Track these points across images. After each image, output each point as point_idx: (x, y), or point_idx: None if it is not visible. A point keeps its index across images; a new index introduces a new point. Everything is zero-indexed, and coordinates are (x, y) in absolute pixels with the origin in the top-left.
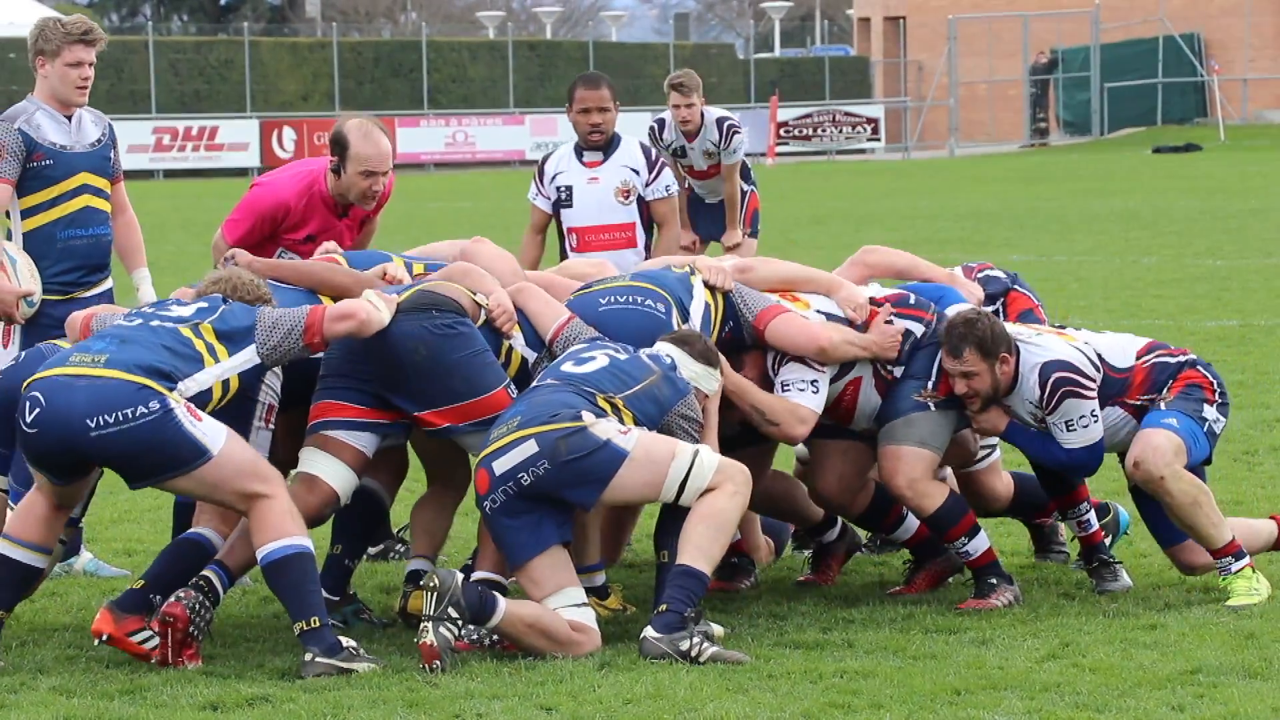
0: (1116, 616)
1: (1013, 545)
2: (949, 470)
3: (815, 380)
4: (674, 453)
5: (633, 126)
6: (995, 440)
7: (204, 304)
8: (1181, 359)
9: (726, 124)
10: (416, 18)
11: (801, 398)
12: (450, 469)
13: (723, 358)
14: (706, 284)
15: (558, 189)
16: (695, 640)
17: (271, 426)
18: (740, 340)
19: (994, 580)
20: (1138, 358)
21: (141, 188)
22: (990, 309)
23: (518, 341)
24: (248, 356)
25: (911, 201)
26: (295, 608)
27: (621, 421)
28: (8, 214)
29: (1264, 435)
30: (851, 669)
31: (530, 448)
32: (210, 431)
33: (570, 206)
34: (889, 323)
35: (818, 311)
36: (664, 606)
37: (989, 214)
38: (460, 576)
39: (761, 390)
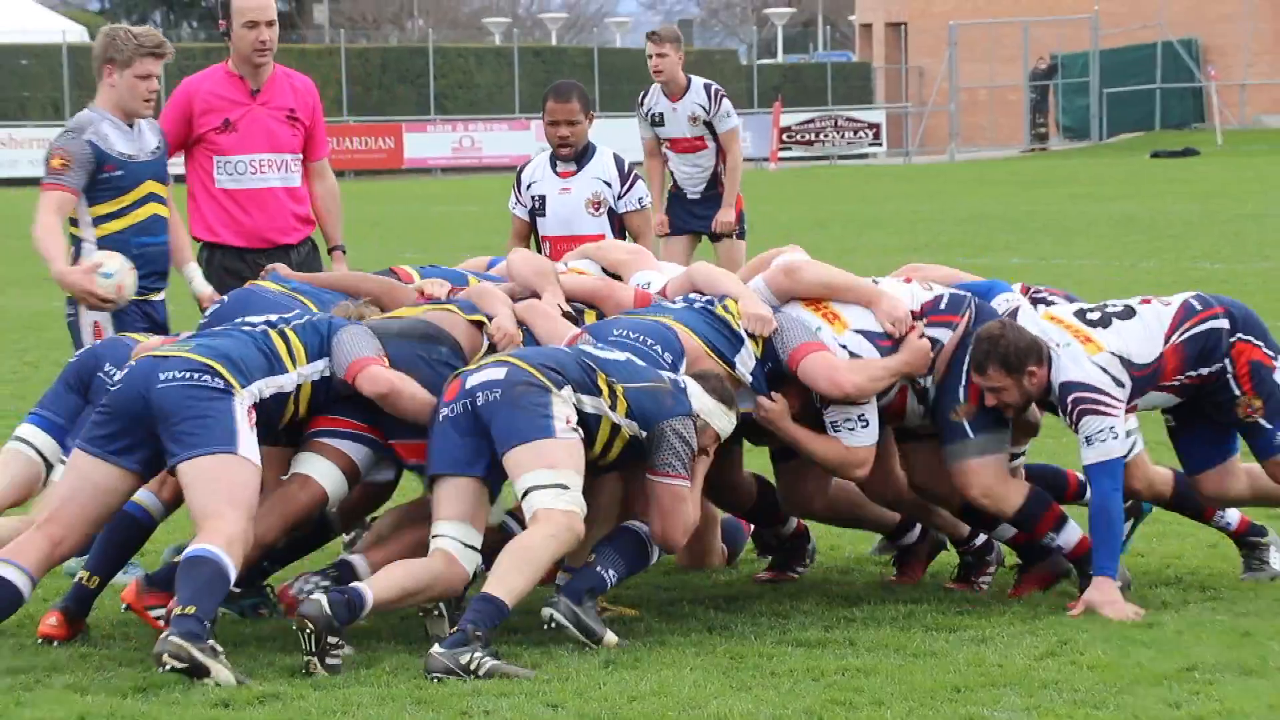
0: (1123, 608)
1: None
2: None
3: (862, 414)
4: (555, 466)
5: (634, 136)
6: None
7: (286, 314)
8: (1223, 322)
9: (713, 88)
10: (423, 24)
11: (852, 437)
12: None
13: (785, 410)
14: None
15: (532, 198)
16: (476, 655)
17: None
18: (781, 374)
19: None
20: (1166, 340)
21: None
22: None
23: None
24: (320, 367)
25: (913, 205)
26: (187, 595)
27: (614, 406)
28: (74, 222)
29: None
30: (853, 666)
31: (499, 371)
32: (248, 439)
33: (544, 216)
34: (921, 337)
35: (855, 330)
36: (454, 629)
37: (989, 218)
38: (324, 602)
39: (816, 438)
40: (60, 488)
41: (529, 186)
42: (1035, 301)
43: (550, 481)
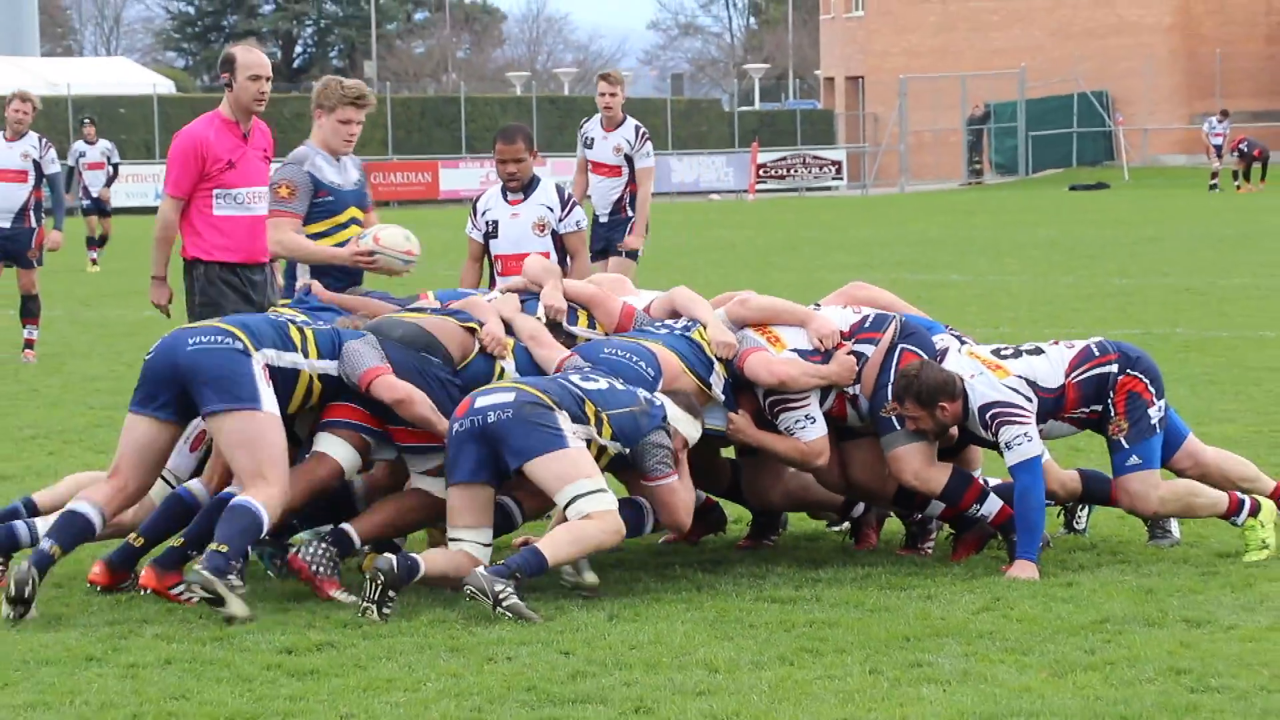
0: (1039, 576)
1: None
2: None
3: (808, 414)
4: (589, 475)
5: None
6: None
7: (315, 319)
8: (1113, 367)
9: (641, 130)
10: (456, 78)
11: (805, 434)
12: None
13: (750, 422)
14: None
15: (487, 223)
16: (509, 589)
17: (197, 451)
18: (735, 381)
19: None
20: (1067, 375)
21: None
22: (961, 347)
23: (509, 365)
24: (328, 367)
25: (869, 230)
26: (224, 534)
27: (600, 431)
28: None
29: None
30: (819, 619)
31: (508, 395)
32: (268, 396)
33: (496, 238)
34: (849, 354)
35: (792, 349)
36: (502, 562)
37: (934, 241)
38: (394, 561)
39: (779, 440)
40: (120, 445)
41: (484, 213)
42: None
43: (592, 488)
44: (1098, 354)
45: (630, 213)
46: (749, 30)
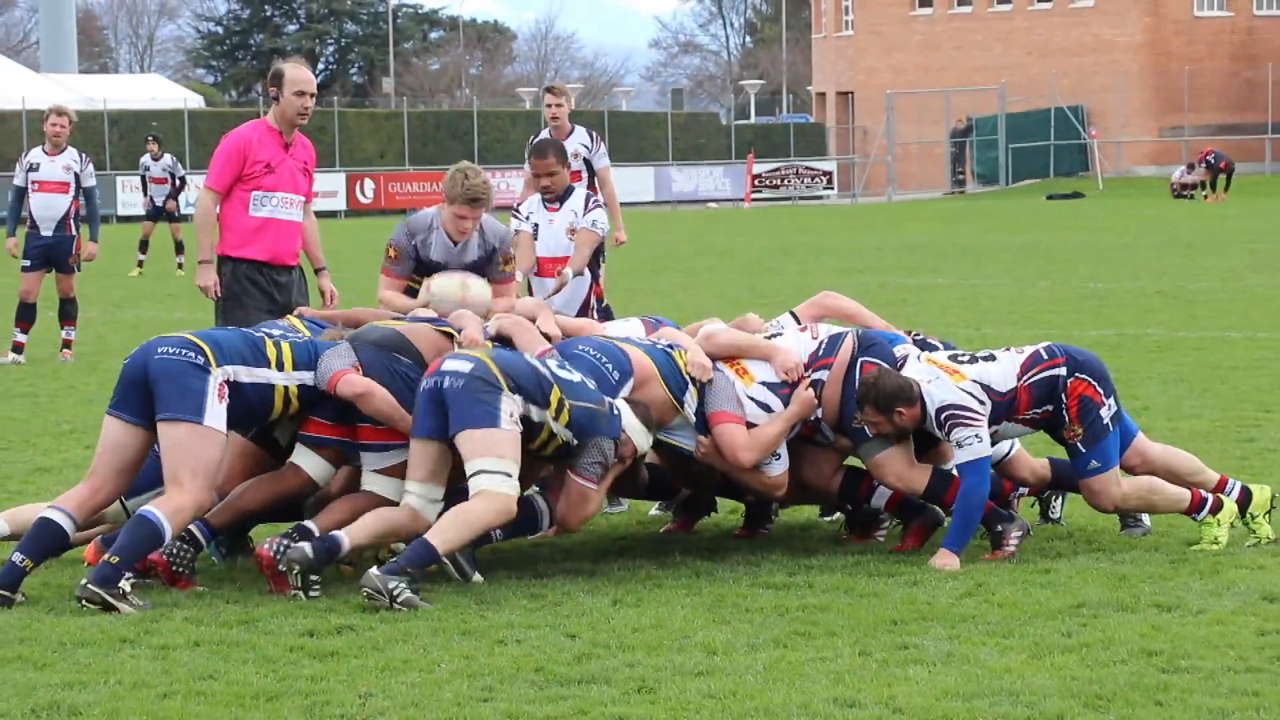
0: (1019, 563)
1: None
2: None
3: (777, 454)
4: (502, 456)
5: (637, 181)
6: None
7: (297, 331)
8: (1061, 370)
9: (593, 133)
10: (469, 93)
11: (769, 469)
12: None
13: (720, 461)
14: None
15: (533, 225)
16: (401, 584)
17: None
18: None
19: (1000, 527)
20: (1018, 379)
21: None
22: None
23: None
24: (305, 377)
25: (858, 237)
26: (117, 545)
27: (557, 417)
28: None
29: (1133, 419)
30: (811, 604)
31: (466, 364)
32: (216, 413)
33: (537, 239)
34: (809, 387)
35: (761, 383)
36: (393, 559)
37: (919, 246)
38: (307, 548)
39: (744, 473)
40: (98, 447)
41: (528, 216)
42: (919, 344)
43: (497, 469)
44: (1046, 357)
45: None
46: (745, 48)
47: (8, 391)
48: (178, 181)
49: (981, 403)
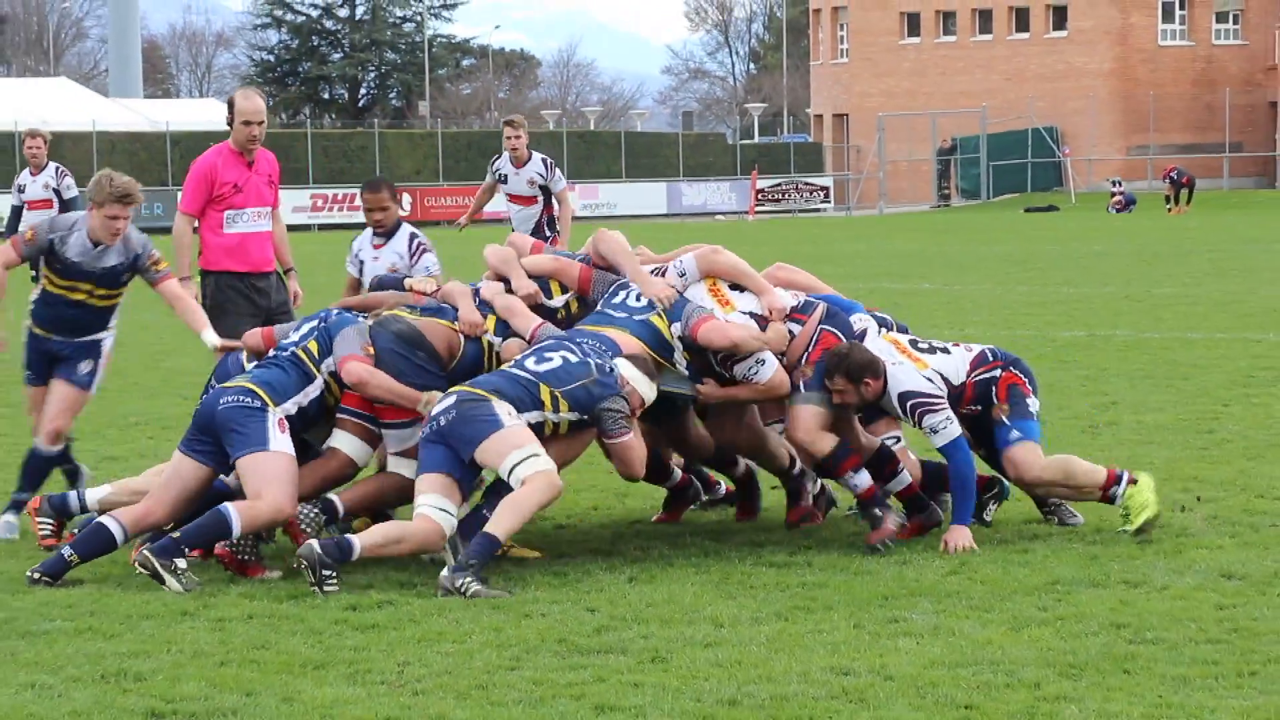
0: (999, 544)
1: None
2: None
3: (759, 358)
4: (520, 445)
5: (650, 196)
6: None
7: (311, 323)
8: (998, 371)
9: (549, 161)
10: (498, 115)
11: (759, 375)
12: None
13: (716, 387)
14: (659, 312)
15: (359, 261)
16: (468, 580)
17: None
18: (690, 348)
19: (878, 511)
20: (968, 374)
21: (301, 237)
22: (881, 330)
23: (492, 336)
24: (330, 363)
25: (853, 246)
26: (186, 529)
27: (556, 409)
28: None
29: (1102, 414)
30: (810, 581)
31: (450, 399)
32: (279, 439)
33: (363, 276)
34: (782, 326)
35: (740, 311)
36: (460, 558)
37: (908, 255)
38: (315, 545)
39: (743, 388)
40: (165, 474)
41: (357, 253)
42: (878, 322)
43: (524, 455)
44: (990, 359)
45: (549, 232)
46: (749, 74)
47: None
48: None
49: (940, 387)
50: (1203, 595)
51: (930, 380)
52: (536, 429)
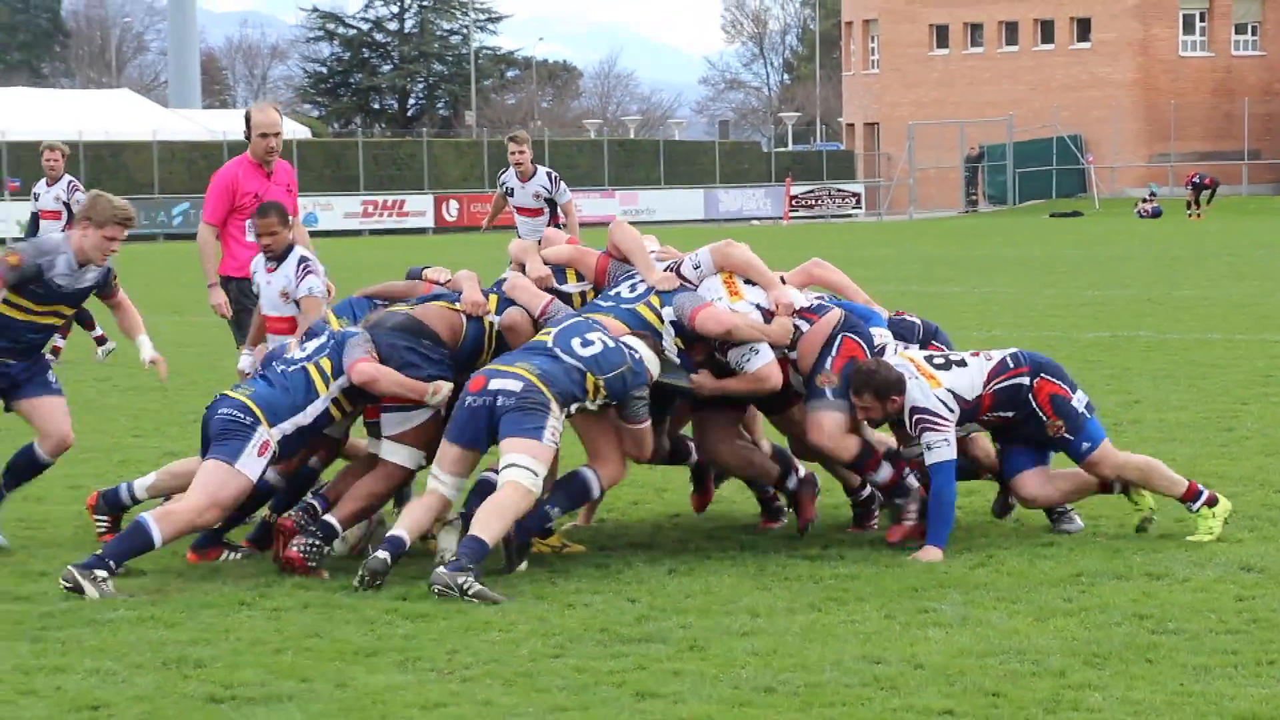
0: (1025, 537)
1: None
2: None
3: (753, 348)
4: (535, 457)
5: (688, 202)
6: None
7: (320, 340)
8: (1025, 378)
9: (553, 175)
10: (541, 124)
11: (751, 364)
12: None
13: (710, 377)
14: (651, 301)
15: (256, 284)
16: (469, 579)
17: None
18: (686, 340)
19: (899, 500)
20: (984, 386)
21: (352, 243)
22: (898, 347)
23: (490, 315)
24: (344, 381)
25: (883, 250)
26: (110, 543)
27: (595, 397)
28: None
29: (1126, 412)
30: (843, 573)
31: (517, 384)
32: (250, 461)
33: (259, 299)
34: (787, 320)
35: (748, 302)
36: (455, 556)
37: (936, 259)
38: (386, 557)
39: (733, 381)
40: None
41: (254, 274)
42: (899, 322)
43: (528, 466)
44: (1012, 365)
45: None
46: (783, 84)
47: (141, 386)
48: None
49: (951, 410)
50: (1222, 587)
51: (941, 401)
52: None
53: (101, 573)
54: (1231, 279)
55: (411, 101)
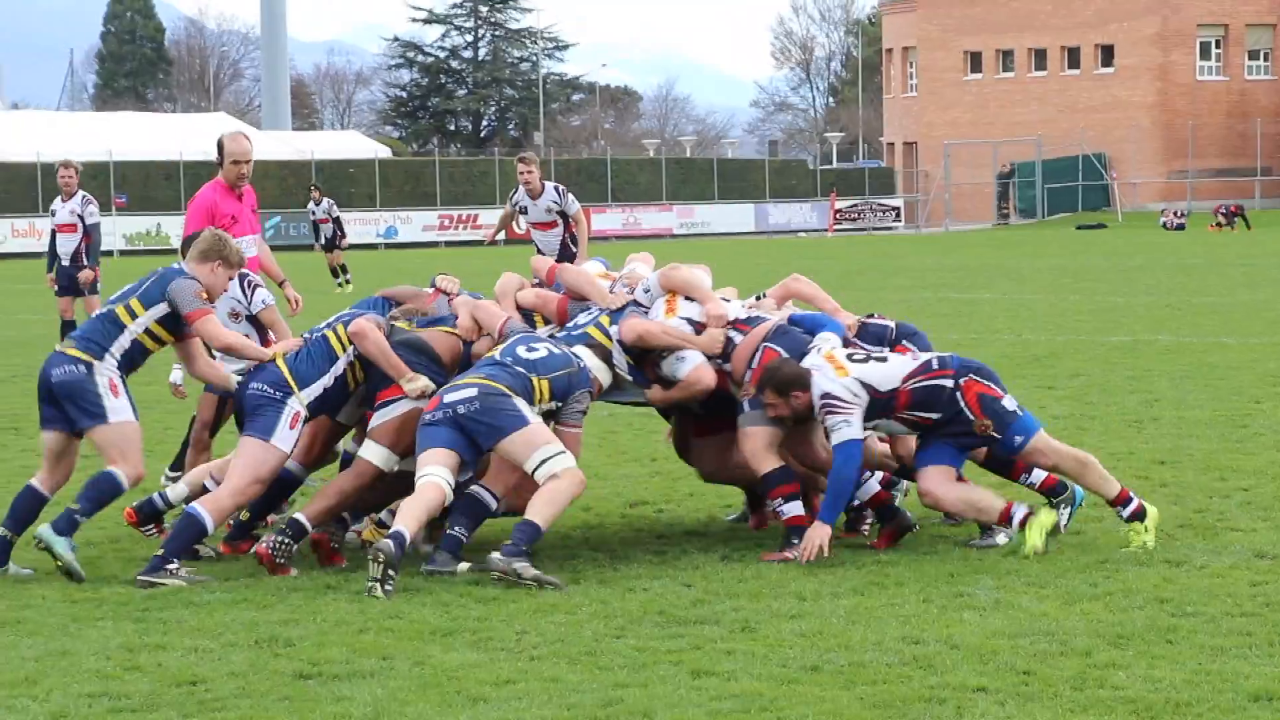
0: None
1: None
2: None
3: (680, 356)
4: (547, 442)
5: (740, 216)
6: None
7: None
8: (948, 380)
9: (561, 189)
10: (604, 144)
11: (680, 371)
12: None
13: (659, 390)
14: (601, 322)
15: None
16: (524, 563)
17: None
18: (630, 351)
19: (795, 540)
20: (903, 382)
21: (431, 253)
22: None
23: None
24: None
25: (921, 260)
26: (169, 539)
27: (542, 400)
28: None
29: (1147, 410)
30: (884, 560)
31: (471, 390)
32: (283, 434)
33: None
34: (718, 331)
35: (681, 317)
36: (509, 541)
37: (971, 268)
38: (391, 544)
39: (671, 391)
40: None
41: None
42: (870, 326)
43: (554, 452)
44: (936, 367)
45: (574, 248)
46: (828, 107)
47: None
48: (334, 221)
49: (856, 395)
50: (1238, 573)
51: (845, 387)
52: None
53: (172, 564)
54: (1245, 287)
55: (484, 123)
